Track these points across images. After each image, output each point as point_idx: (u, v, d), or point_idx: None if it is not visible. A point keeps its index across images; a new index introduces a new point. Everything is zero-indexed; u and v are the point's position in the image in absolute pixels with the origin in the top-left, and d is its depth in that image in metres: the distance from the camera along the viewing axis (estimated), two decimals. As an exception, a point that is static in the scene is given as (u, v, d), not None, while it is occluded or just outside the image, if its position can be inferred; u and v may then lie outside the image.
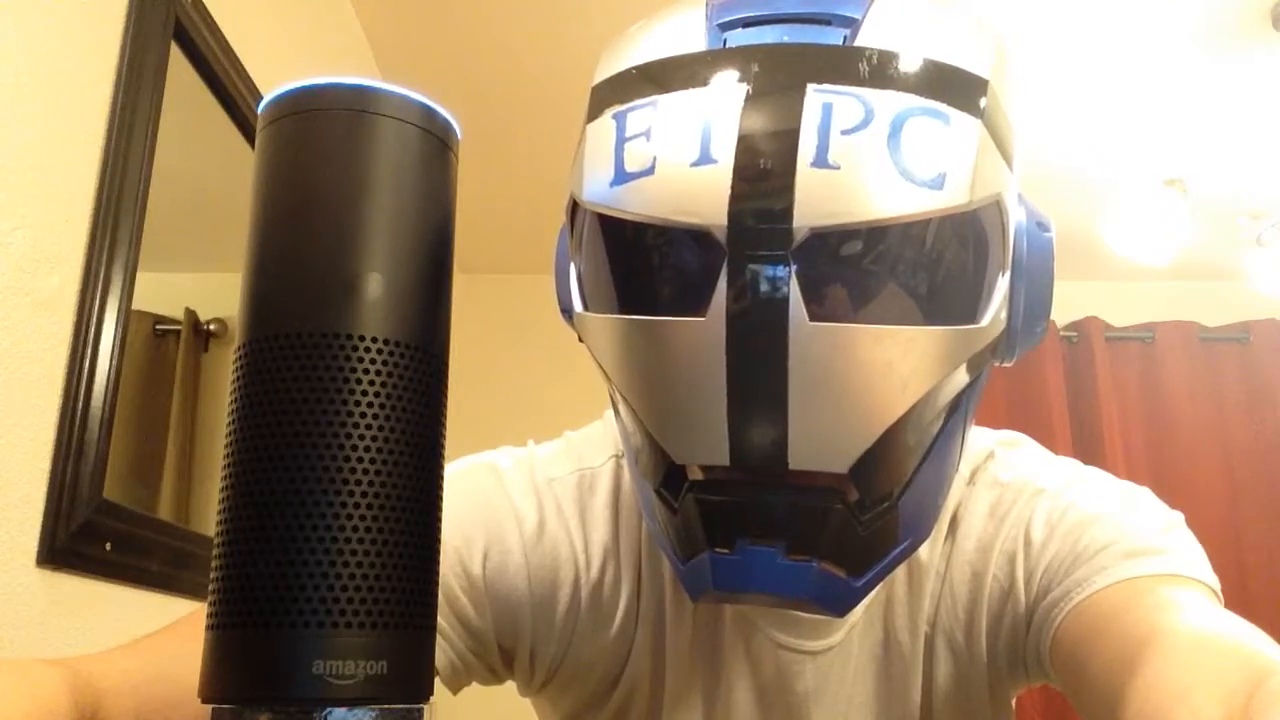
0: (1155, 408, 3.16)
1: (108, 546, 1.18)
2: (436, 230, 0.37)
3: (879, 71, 0.49)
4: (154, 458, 1.42)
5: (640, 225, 0.51)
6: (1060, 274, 0.57)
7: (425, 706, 0.34)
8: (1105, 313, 3.23)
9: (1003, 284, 0.53)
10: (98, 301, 1.17)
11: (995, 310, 0.53)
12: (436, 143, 0.37)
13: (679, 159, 0.49)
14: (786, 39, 0.51)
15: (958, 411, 0.55)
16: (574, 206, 0.55)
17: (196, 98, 1.49)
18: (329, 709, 0.31)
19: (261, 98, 0.36)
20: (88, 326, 1.15)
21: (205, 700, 0.32)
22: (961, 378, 0.53)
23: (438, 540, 0.36)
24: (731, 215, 0.47)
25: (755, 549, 0.51)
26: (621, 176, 0.50)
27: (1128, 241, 2.56)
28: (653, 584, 0.68)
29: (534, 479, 0.71)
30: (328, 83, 0.36)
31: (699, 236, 0.49)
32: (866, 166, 0.47)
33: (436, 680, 0.61)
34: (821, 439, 0.49)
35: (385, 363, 0.34)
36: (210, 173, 1.58)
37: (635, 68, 0.53)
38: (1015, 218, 0.54)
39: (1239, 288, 3.05)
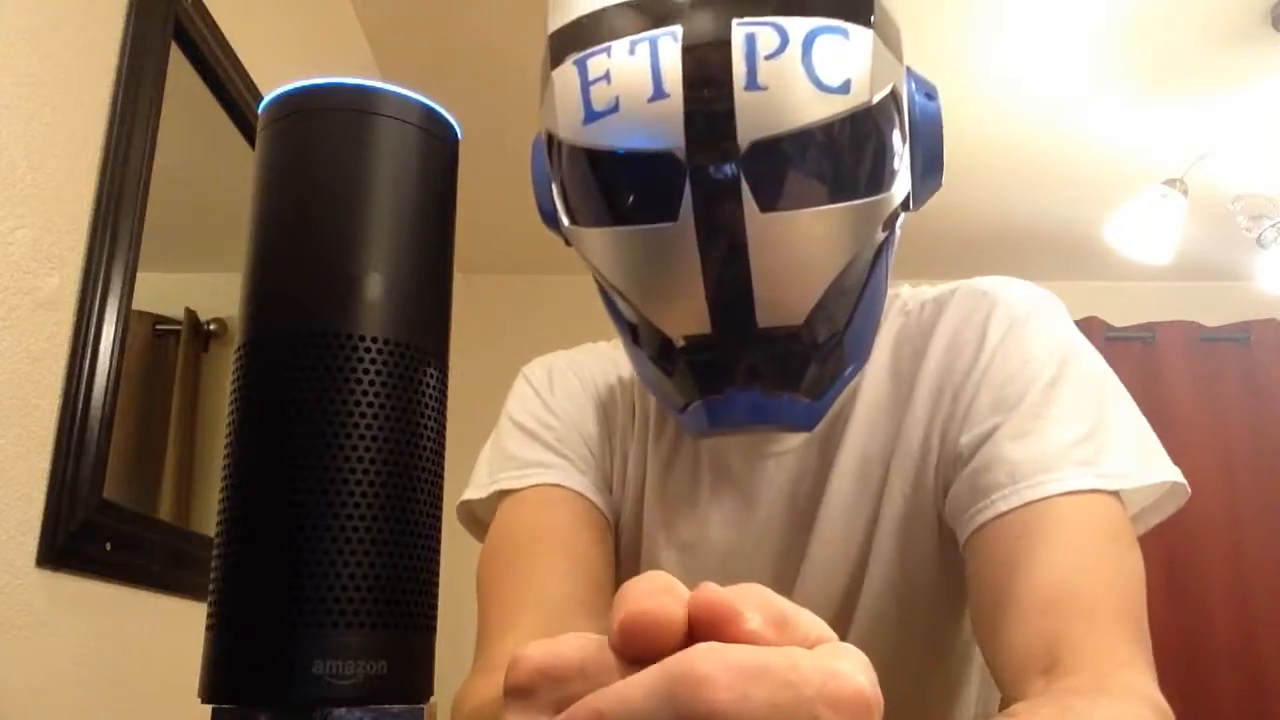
0: (1155, 408, 3.15)
1: (108, 546, 1.18)
2: (436, 230, 0.37)
3: (788, 1, 0.58)
4: (154, 458, 1.42)
5: (615, 153, 0.60)
6: (1060, 274, 0.60)
7: (425, 706, 0.34)
8: (1105, 313, 3.22)
9: (905, 152, 0.64)
10: (98, 301, 1.17)
11: (901, 176, 0.64)
12: (437, 143, 0.37)
13: (637, 97, 0.58)
14: None
15: (880, 258, 0.66)
16: (550, 138, 0.64)
17: (196, 98, 1.49)
18: (329, 709, 0.31)
19: (261, 98, 0.36)
20: (88, 326, 1.16)
21: (205, 700, 0.32)
22: (880, 234, 0.64)
23: (438, 540, 0.36)
24: (688, 138, 0.57)
25: (740, 392, 0.62)
26: (591, 115, 0.59)
27: (1128, 241, 2.56)
28: (642, 418, 0.80)
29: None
30: (328, 83, 0.36)
31: (664, 157, 0.58)
32: (788, 84, 0.57)
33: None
34: (780, 301, 0.60)
35: (385, 363, 0.34)
36: (210, 173, 1.58)
37: (584, 17, 0.62)
38: (908, 95, 0.64)
39: (1239, 288, 3.05)
